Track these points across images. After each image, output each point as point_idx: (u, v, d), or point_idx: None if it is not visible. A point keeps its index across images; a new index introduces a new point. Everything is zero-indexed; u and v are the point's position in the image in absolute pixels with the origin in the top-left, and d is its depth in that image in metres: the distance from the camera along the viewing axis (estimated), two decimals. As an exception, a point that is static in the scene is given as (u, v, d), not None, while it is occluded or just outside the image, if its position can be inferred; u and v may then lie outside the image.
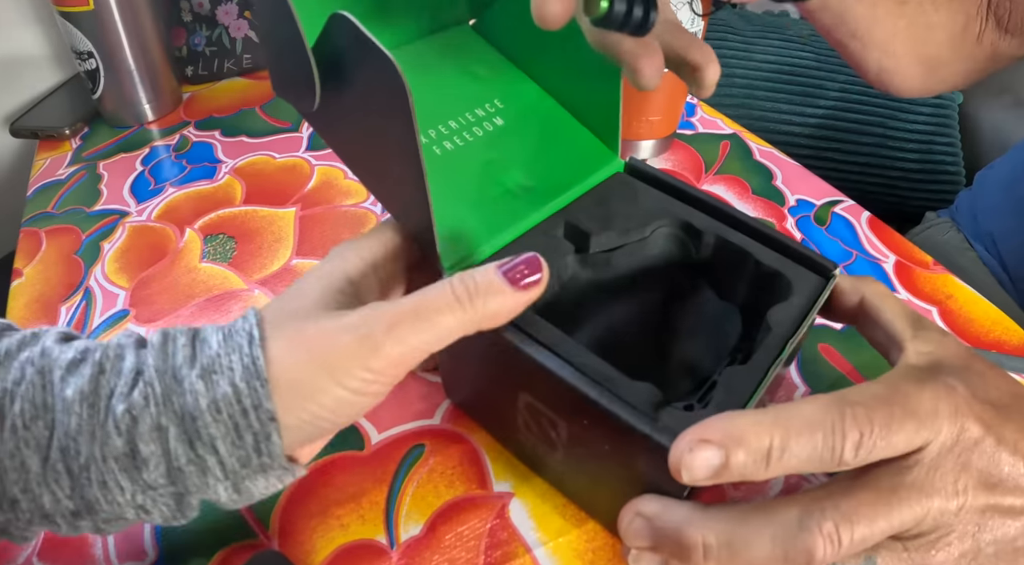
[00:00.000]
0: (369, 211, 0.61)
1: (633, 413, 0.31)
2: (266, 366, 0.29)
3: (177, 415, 0.29)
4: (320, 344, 0.30)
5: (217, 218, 0.61)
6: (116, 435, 0.28)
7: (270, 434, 0.29)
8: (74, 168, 0.69)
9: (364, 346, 0.30)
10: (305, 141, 0.70)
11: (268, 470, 0.31)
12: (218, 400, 0.29)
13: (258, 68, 0.82)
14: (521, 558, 0.38)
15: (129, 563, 0.38)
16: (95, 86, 0.71)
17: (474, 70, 0.46)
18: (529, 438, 0.39)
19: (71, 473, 0.29)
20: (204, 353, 0.29)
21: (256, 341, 0.29)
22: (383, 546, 0.39)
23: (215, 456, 0.29)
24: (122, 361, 0.30)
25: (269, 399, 0.29)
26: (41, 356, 0.30)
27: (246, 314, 0.31)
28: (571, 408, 0.33)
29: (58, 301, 0.54)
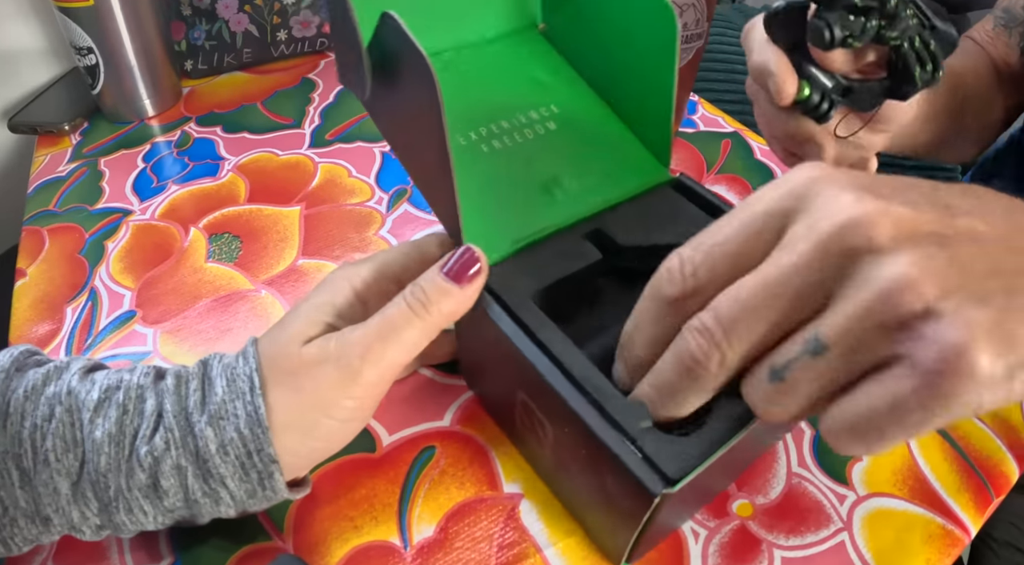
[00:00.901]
0: (374, 210, 0.61)
1: (612, 432, 0.31)
2: (266, 413, 0.33)
3: (192, 455, 0.33)
4: (308, 382, 0.34)
5: (222, 217, 0.61)
6: (140, 471, 0.32)
7: (272, 473, 0.34)
8: (75, 165, 0.68)
9: (344, 376, 0.34)
10: (308, 138, 0.70)
11: (272, 499, 0.35)
12: (226, 444, 0.33)
13: (259, 62, 0.81)
14: (532, 558, 0.39)
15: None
16: (95, 81, 0.71)
17: (537, 75, 0.47)
18: (525, 434, 0.40)
19: (100, 500, 0.33)
20: (212, 399, 0.34)
21: (257, 389, 0.34)
22: (397, 547, 0.39)
23: (226, 490, 0.34)
24: (143, 403, 0.34)
25: (270, 444, 0.33)
26: (68, 395, 0.33)
27: (246, 353, 0.35)
28: (556, 413, 0.34)
29: (63, 302, 0.54)
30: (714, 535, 0.40)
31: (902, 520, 0.42)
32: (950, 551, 0.41)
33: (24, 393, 0.34)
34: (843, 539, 0.41)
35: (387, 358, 0.34)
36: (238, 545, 0.39)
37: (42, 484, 0.32)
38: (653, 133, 0.44)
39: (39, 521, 0.33)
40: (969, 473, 0.44)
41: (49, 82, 0.80)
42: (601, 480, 0.33)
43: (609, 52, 0.44)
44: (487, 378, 0.43)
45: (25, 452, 0.33)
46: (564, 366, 0.33)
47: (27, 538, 0.34)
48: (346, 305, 0.38)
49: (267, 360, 0.35)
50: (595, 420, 0.31)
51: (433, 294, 0.35)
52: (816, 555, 0.40)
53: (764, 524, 0.41)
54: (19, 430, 0.33)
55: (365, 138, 0.69)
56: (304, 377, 0.34)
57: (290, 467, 0.35)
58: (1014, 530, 0.68)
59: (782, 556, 0.40)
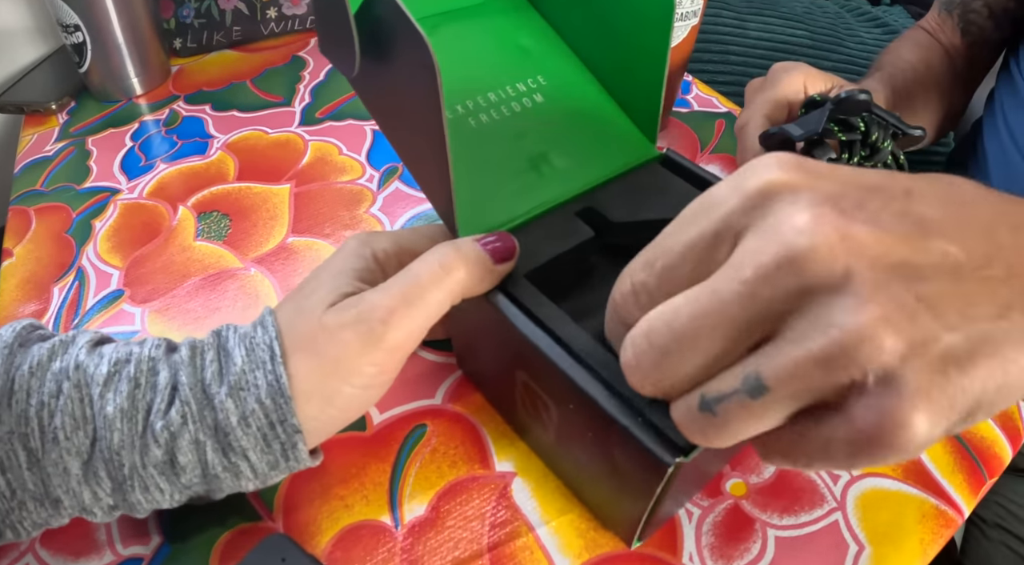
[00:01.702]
0: (365, 188, 0.60)
1: (618, 405, 0.30)
2: (288, 382, 0.32)
3: (211, 428, 0.31)
4: (328, 348, 0.33)
5: (210, 195, 0.61)
6: (155, 446, 0.31)
7: (296, 443, 0.33)
8: (62, 144, 0.67)
9: (366, 341, 0.33)
10: (298, 116, 0.69)
11: (293, 469, 0.34)
12: (247, 416, 0.32)
13: (248, 40, 0.81)
14: (524, 537, 0.39)
15: (133, 547, 0.38)
16: (82, 59, 0.70)
17: (521, 42, 0.46)
18: (526, 416, 0.39)
19: (114, 479, 0.32)
20: (230, 370, 0.32)
21: (278, 357, 0.32)
22: (388, 526, 0.39)
23: (247, 462, 0.33)
24: (156, 375, 0.32)
25: (294, 414, 0.32)
26: (76, 369, 0.32)
27: (264, 322, 0.34)
28: (559, 391, 0.33)
29: (50, 281, 0.54)
30: (707, 514, 0.40)
31: (896, 500, 0.42)
32: (943, 531, 0.41)
33: (29, 369, 0.32)
34: (836, 518, 0.41)
35: (411, 321, 0.33)
36: (227, 525, 0.39)
37: (51, 464, 0.31)
38: (641, 107, 0.43)
39: (48, 503, 0.32)
40: (963, 454, 0.44)
41: (36, 61, 0.79)
42: (610, 456, 0.33)
43: (601, 21, 0.43)
44: (483, 360, 0.42)
45: (32, 431, 0.31)
46: (565, 343, 0.33)
47: (36, 522, 0.33)
48: (367, 271, 0.36)
49: (286, 327, 0.34)
50: (601, 395, 0.31)
51: (470, 257, 0.34)
52: (809, 534, 0.40)
53: (758, 503, 0.41)
54: (25, 408, 0.31)
55: (356, 116, 0.69)
56: (325, 342, 0.33)
57: (311, 435, 0.34)
58: (1002, 511, 0.68)
59: (776, 535, 0.40)
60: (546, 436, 0.39)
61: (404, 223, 0.57)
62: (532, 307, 0.34)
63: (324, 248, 0.55)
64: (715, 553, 0.39)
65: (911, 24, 1.06)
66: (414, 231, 0.39)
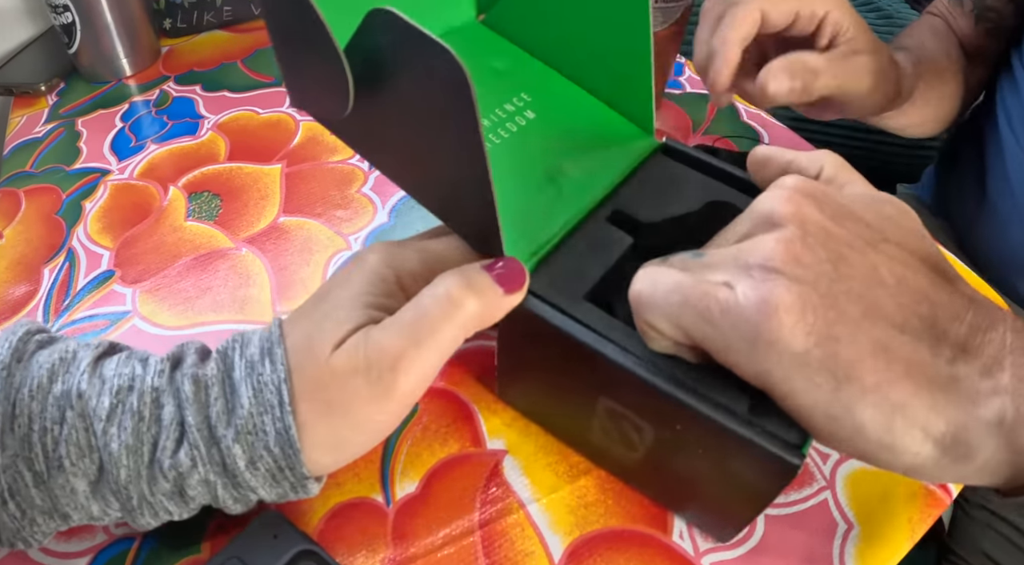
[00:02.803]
0: (356, 168, 0.60)
1: (733, 419, 0.31)
2: (296, 432, 0.31)
3: (219, 466, 0.31)
4: (337, 397, 0.31)
5: (201, 175, 0.60)
6: (164, 480, 0.31)
7: (305, 484, 0.32)
8: (51, 125, 0.67)
9: (376, 391, 0.31)
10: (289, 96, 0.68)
11: (303, 497, 0.34)
12: (255, 460, 0.31)
13: (239, 21, 0.80)
14: (515, 514, 0.39)
15: (126, 527, 0.38)
16: (71, 40, 0.69)
17: (494, 65, 0.45)
18: (604, 440, 0.38)
19: (123, 505, 0.31)
20: (237, 412, 0.31)
21: (286, 405, 0.30)
22: (379, 504, 0.39)
23: (256, 495, 0.32)
24: (160, 408, 0.31)
25: (303, 465, 0.31)
26: (78, 398, 0.31)
27: (273, 354, 0.32)
28: (662, 414, 0.33)
29: (40, 263, 0.53)
30: (698, 492, 0.41)
31: (884, 479, 0.42)
32: (932, 511, 0.41)
33: (29, 393, 0.31)
34: (826, 497, 0.41)
35: (422, 364, 0.31)
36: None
37: (58, 487, 0.31)
38: (632, 102, 0.43)
39: (58, 517, 0.32)
40: (952, 433, 0.44)
41: (24, 42, 0.78)
42: (723, 466, 0.33)
43: (566, 29, 0.43)
44: (545, 391, 0.41)
45: (36, 456, 0.31)
46: (656, 365, 0.32)
47: (46, 532, 0.32)
48: (387, 297, 0.34)
49: (297, 366, 0.31)
50: (714, 413, 0.31)
51: (479, 288, 0.32)
52: (799, 513, 0.40)
53: (747, 482, 0.41)
54: (27, 433, 0.31)
55: (348, 97, 0.68)
56: (334, 390, 0.31)
57: (320, 469, 0.33)
58: (988, 492, 0.68)
59: (766, 513, 0.40)
60: (631, 456, 0.38)
61: (396, 203, 0.57)
62: (606, 332, 0.33)
63: (315, 228, 0.55)
64: (705, 530, 0.39)
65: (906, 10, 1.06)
66: (440, 240, 0.37)
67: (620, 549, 0.38)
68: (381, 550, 0.38)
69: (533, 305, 0.34)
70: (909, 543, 0.40)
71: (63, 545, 0.38)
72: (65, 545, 0.38)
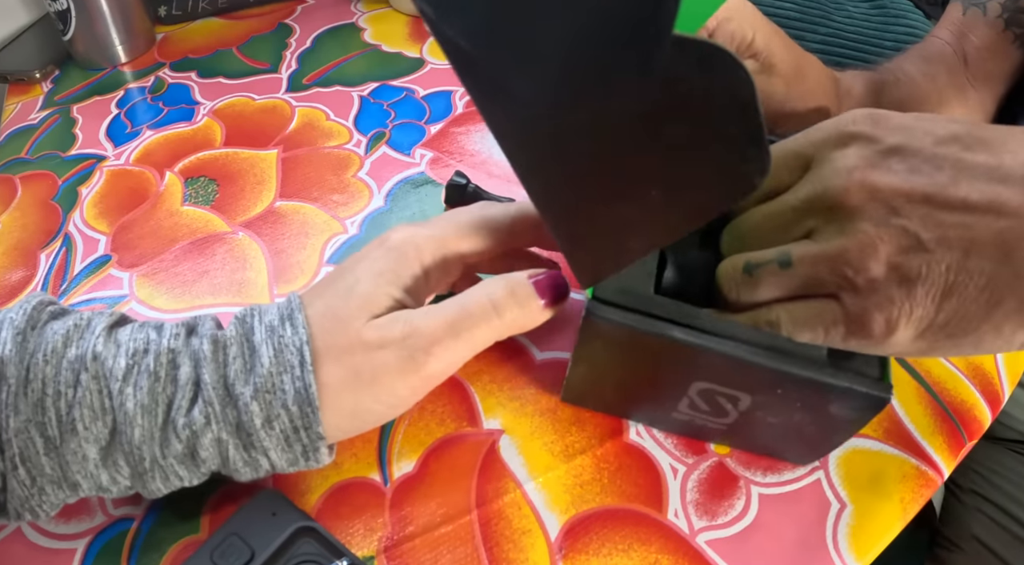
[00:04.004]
0: (352, 152, 0.60)
1: (828, 372, 0.33)
2: (316, 392, 0.31)
3: (233, 426, 0.31)
4: (365, 365, 0.32)
5: (197, 161, 0.60)
6: (177, 441, 0.31)
7: (318, 447, 0.33)
8: (47, 112, 0.67)
9: (406, 367, 0.32)
10: (285, 82, 0.69)
11: (311, 467, 0.34)
12: (272, 419, 0.31)
13: (234, 8, 0.80)
14: (512, 493, 0.39)
15: (125, 508, 0.39)
16: (66, 27, 0.69)
17: None
18: (689, 414, 0.40)
19: (133, 468, 0.32)
20: (256, 370, 0.31)
21: (308, 365, 0.31)
22: (377, 483, 0.39)
23: (267, 459, 0.33)
24: (176, 369, 0.32)
25: (319, 423, 0.32)
26: (93, 360, 0.31)
27: (294, 319, 0.32)
28: (758, 383, 0.35)
29: (37, 248, 0.53)
30: (692, 471, 0.41)
31: (877, 460, 0.42)
32: (923, 491, 0.41)
33: (44, 357, 0.31)
34: (819, 477, 0.41)
35: (454, 354, 0.33)
36: (218, 484, 0.39)
37: (70, 452, 0.31)
38: None
39: (67, 486, 0.32)
40: (943, 417, 0.45)
41: (19, 30, 0.78)
42: (819, 413, 0.36)
43: None
44: (626, 388, 0.41)
45: (49, 420, 0.31)
46: (744, 339, 0.34)
47: (54, 504, 0.33)
48: (412, 280, 0.35)
49: (321, 331, 0.32)
50: (811, 372, 0.33)
51: (520, 298, 0.34)
52: (792, 492, 0.41)
53: (741, 461, 0.42)
54: (41, 397, 0.31)
55: (344, 82, 0.68)
56: (362, 359, 0.32)
57: (332, 438, 0.33)
58: (978, 477, 0.69)
59: (759, 493, 0.40)
60: (719, 422, 0.39)
61: (392, 188, 0.57)
62: (694, 323, 0.34)
63: (312, 212, 0.55)
64: (699, 509, 0.40)
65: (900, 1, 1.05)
66: (457, 221, 0.37)
67: (616, 528, 0.39)
68: (379, 529, 0.38)
69: (617, 316, 0.34)
70: (901, 522, 0.40)
71: (63, 527, 0.38)
72: (64, 527, 0.38)
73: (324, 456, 0.33)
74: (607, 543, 0.38)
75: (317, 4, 0.80)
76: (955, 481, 0.71)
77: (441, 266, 0.36)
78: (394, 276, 0.34)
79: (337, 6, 0.80)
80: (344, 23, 0.77)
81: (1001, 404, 0.46)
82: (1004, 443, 0.71)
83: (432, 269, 0.35)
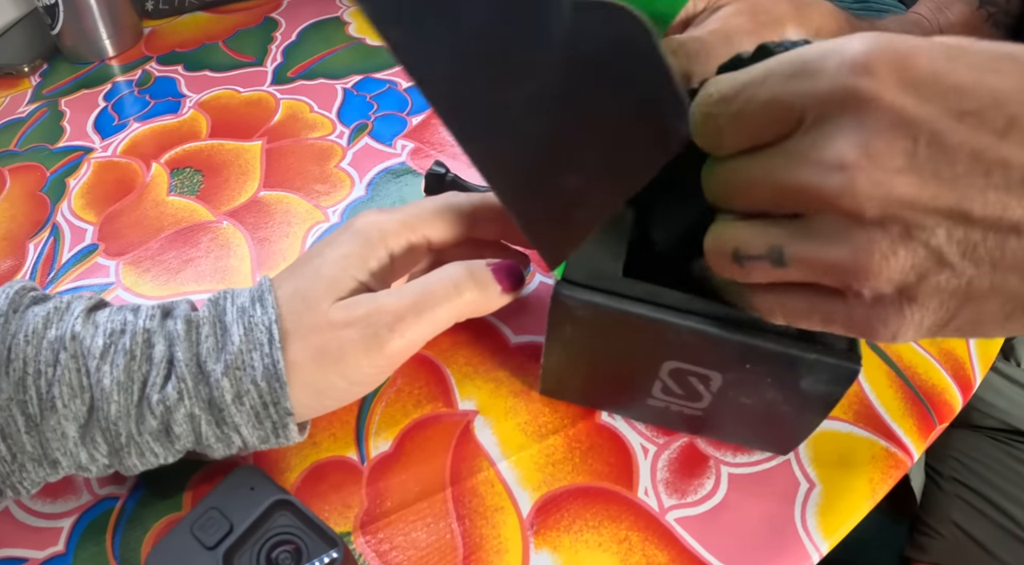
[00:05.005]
0: (335, 144, 0.61)
1: (795, 344, 0.33)
2: (284, 369, 0.32)
3: (205, 403, 0.32)
4: (331, 343, 0.33)
5: (183, 152, 0.61)
6: (151, 417, 0.32)
7: (287, 424, 0.34)
8: (35, 105, 0.68)
9: (371, 344, 0.33)
10: (270, 75, 0.70)
11: (282, 444, 0.35)
12: (242, 395, 0.33)
13: (220, 2, 0.81)
14: (485, 472, 0.40)
15: (110, 487, 0.40)
16: (54, 22, 0.70)
17: None
18: (664, 400, 0.40)
19: (110, 444, 0.33)
20: (227, 348, 0.32)
21: (276, 343, 0.32)
22: (354, 462, 0.40)
23: (238, 435, 0.34)
24: (151, 348, 0.33)
25: (287, 399, 0.33)
26: (72, 340, 0.32)
27: (264, 300, 0.34)
28: (728, 359, 0.35)
29: (25, 238, 0.54)
30: (663, 451, 0.42)
31: (847, 442, 0.43)
32: (892, 472, 0.42)
33: (25, 337, 0.32)
34: (789, 457, 0.42)
35: (417, 332, 0.34)
36: (200, 463, 0.40)
37: (50, 430, 0.32)
38: None
39: (47, 464, 0.33)
40: (914, 400, 0.46)
41: (7, 24, 0.79)
42: (788, 392, 0.36)
43: None
44: (599, 374, 0.41)
45: (31, 399, 0.32)
46: (710, 315, 0.34)
47: (35, 481, 0.33)
48: (377, 264, 0.36)
49: (289, 311, 0.34)
50: (779, 345, 0.33)
51: (480, 282, 0.36)
52: (762, 472, 0.41)
53: (711, 442, 0.43)
54: (22, 376, 0.32)
55: (328, 75, 0.69)
56: (329, 338, 0.33)
57: (301, 416, 0.35)
58: (958, 465, 0.71)
59: (729, 472, 0.41)
60: (694, 407, 0.40)
61: (373, 177, 0.58)
62: (663, 301, 0.34)
63: (295, 201, 0.56)
64: (669, 488, 0.40)
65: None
66: (423, 206, 0.38)
67: (587, 505, 0.40)
68: (356, 505, 0.39)
69: (587, 296, 0.35)
70: (870, 502, 0.41)
71: (49, 506, 0.39)
72: (51, 506, 0.39)
73: (293, 433, 0.34)
74: (578, 520, 0.39)
75: (303, -2, 0.81)
76: (935, 468, 0.72)
77: (406, 251, 0.37)
78: (359, 260, 0.35)
79: (322, 0, 0.81)
80: (329, 17, 0.78)
81: (973, 388, 0.47)
82: (983, 431, 0.72)
83: (397, 253, 0.37)
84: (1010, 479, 0.68)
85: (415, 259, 0.38)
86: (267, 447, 0.35)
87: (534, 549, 0.38)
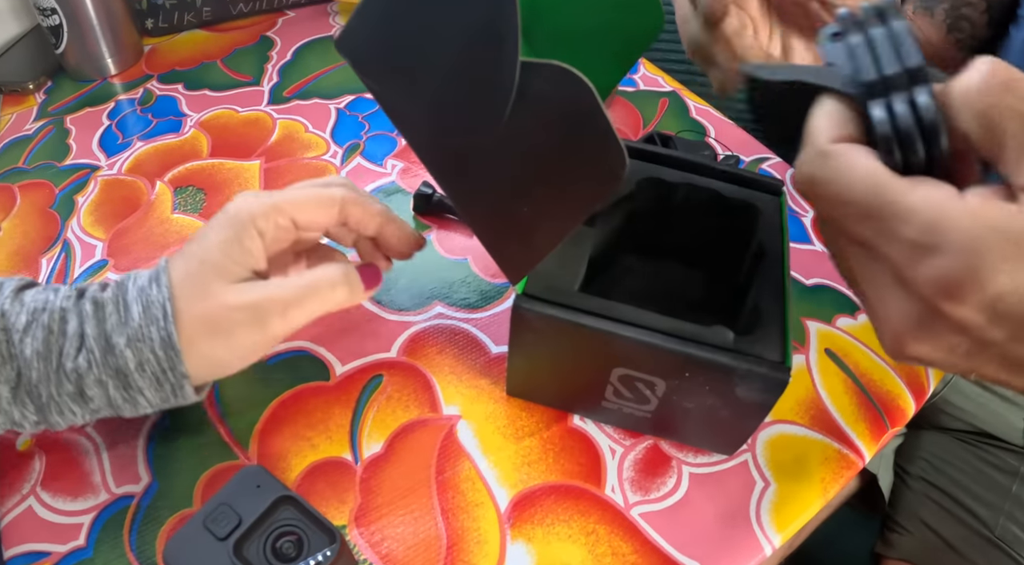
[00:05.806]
0: (329, 163, 0.65)
1: (724, 356, 0.37)
2: (178, 339, 0.37)
3: (112, 371, 0.37)
4: (223, 322, 0.38)
5: (186, 171, 0.64)
6: (67, 382, 0.37)
7: (183, 385, 0.38)
8: (41, 123, 0.70)
9: (257, 325, 0.38)
10: (267, 95, 0.72)
11: (183, 403, 0.40)
12: (143, 363, 0.37)
13: (218, 20, 0.83)
14: (467, 471, 0.44)
15: (126, 486, 0.43)
16: (58, 41, 0.72)
17: None
18: (616, 402, 0.44)
19: (37, 405, 0.38)
20: (129, 324, 0.37)
21: (170, 317, 0.37)
22: (349, 462, 0.45)
23: (143, 397, 0.38)
24: (66, 324, 0.38)
25: (182, 364, 0.38)
26: (1, 317, 0.38)
27: (159, 280, 0.38)
28: (669, 367, 0.39)
29: (38, 253, 0.57)
30: (629, 452, 0.46)
31: (801, 444, 0.47)
32: (844, 473, 0.45)
33: None
34: (746, 459, 0.46)
35: (298, 319, 0.39)
36: (208, 464, 0.44)
37: None
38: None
39: None
40: (867, 406, 0.49)
41: (12, 41, 0.80)
42: (727, 395, 0.40)
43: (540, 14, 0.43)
44: (558, 378, 0.46)
45: None
46: (654, 328, 0.38)
47: None
48: (252, 242, 0.39)
49: (182, 291, 0.38)
50: (712, 355, 0.37)
51: (350, 282, 0.41)
52: (721, 472, 0.45)
53: (674, 444, 0.46)
54: None
55: (321, 95, 0.72)
56: (221, 317, 0.38)
57: (196, 380, 0.39)
58: (927, 465, 0.73)
59: (690, 471, 0.45)
60: (643, 409, 0.43)
61: (365, 197, 0.61)
62: (613, 314, 0.39)
63: (292, 220, 0.59)
64: (634, 485, 0.44)
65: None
66: (297, 193, 0.42)
67: (559, 501, 0.44)
68: (351, 501, 0.43)
69: (543, 309, 0.39)
70: (821, 501, 0.44)
71: (69, 504, 0.43)
72: (72, 504, 0.43)
73: (190, 394, 0.39)
74: (550, 514, 0.43)
75: (297, 16, 0.84)
76: (904, 468, 0.75)
77: (277, 230, 0.40)
78: (236, 243, 0.39)
79: (316, 19, 0.83)
80: (323, 36, 0.80)
81: (927, 394, 0.50)
82: (951, 432, 0.74)
83: (268, 233, 0.40)
84: (977, 480, 0.70)
85: (286, 237, 0.42)
86: (169, 406, 0.40)
87: (510, 540, 0.42)
